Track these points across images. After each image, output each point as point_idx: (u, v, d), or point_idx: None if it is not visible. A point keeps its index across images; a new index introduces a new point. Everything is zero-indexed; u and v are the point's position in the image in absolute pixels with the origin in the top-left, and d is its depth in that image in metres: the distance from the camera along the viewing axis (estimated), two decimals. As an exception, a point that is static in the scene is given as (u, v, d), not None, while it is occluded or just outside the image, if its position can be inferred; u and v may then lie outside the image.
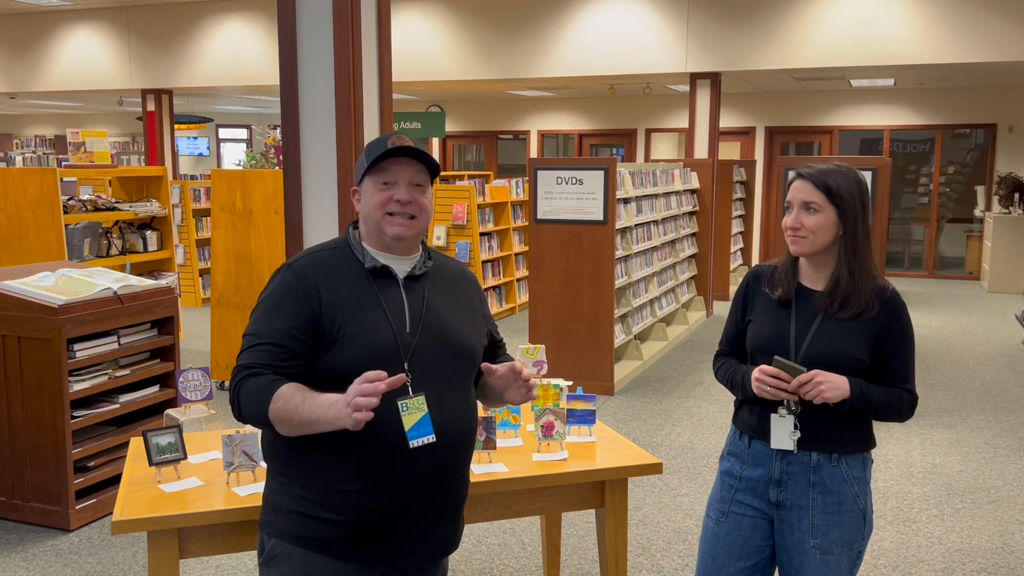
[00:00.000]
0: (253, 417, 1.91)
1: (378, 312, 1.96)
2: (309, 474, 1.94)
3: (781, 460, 2.28)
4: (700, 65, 9.90)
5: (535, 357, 3.35)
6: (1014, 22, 8.69)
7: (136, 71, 12.37)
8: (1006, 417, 6.20)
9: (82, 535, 4.10)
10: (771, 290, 2.33)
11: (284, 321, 1.93)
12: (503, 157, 16.59)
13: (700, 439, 5.64)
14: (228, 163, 20.50)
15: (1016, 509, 4.57)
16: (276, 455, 2.01)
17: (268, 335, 1.93)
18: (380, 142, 2.02)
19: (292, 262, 2.02)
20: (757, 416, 2.31)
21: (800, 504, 2.27)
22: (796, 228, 2.23)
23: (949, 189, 14.02)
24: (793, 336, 2.27)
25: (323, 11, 3.59)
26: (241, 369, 1.94)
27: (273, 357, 1.92)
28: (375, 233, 2.02)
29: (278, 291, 1.98)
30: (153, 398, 4.53)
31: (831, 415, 2.23)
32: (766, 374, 2.21)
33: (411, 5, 10.89)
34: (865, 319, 2.24)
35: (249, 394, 1.90)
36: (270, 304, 1.98)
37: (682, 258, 9.02)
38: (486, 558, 3.93)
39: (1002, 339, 8.88)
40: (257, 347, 1.94)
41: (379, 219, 2.00)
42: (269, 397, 1.87)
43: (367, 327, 1.93)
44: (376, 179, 2.01)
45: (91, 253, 6.58)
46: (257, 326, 1.97)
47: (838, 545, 2.26)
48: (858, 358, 2.22)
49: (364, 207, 2.04)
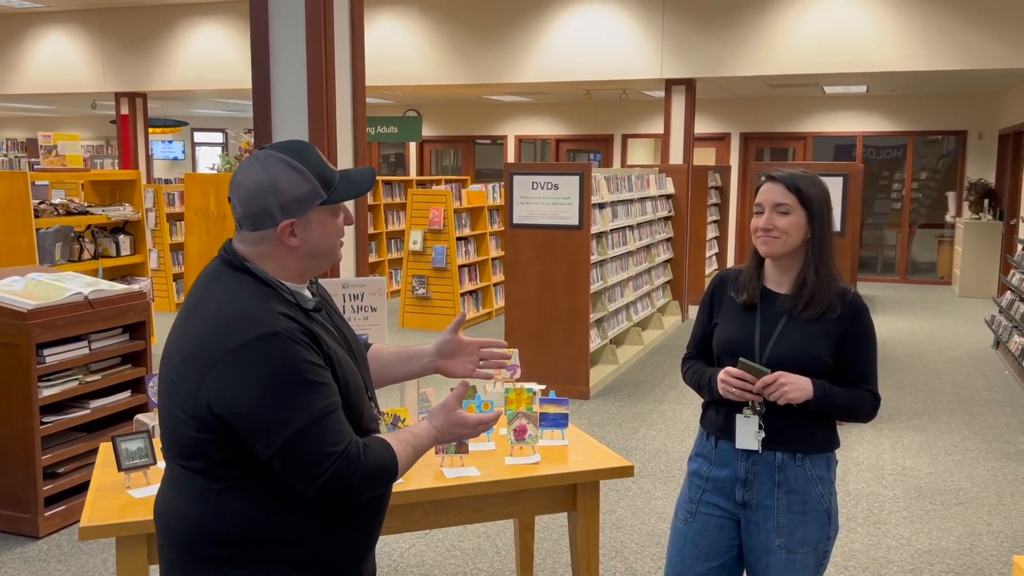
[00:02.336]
0: (380, 490, 1.72)
1: (340, 348, 1.77)
2: (272, 565, 1.69)
3: (747, 460, 2.31)
4: (675, 71, 9.97)
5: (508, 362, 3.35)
6: (984, 31, 8.82)
7: (109, 74, 12.27)
8: (975, 420, 6.28)
9: (51, 542, 4.06)
10: (736, 294, 2.37)
11: (329, 381, 1.66)
12: (480, 162, 16.60)
13: (674, 442, 5.67)
14: (203, 167, 20.36)
15: (984, 511, 4.63)
16: (256, 547, 1.69)
17: (335, 403, 1.65)
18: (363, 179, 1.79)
19: (274, 331, 1.61)
20: (723, 417, 2.35)
21: (766, 504, 2.30)
22: (768, 229, 2.26)
23: (921, 195, 14.19)
24: (758, 338, 2.30)
25: (296, 15, 3.58)
26: (354, 449, 1.64)
27: (347, 419, 1.69)
28: (316, 266, 1.77)
29: (298, 359, 1.62)
30: (124, 403, 4.49)
31: (795, 416, 2.26)
32: (731, 376, 2.25)
33: (388, 9, 10.88)
34: (828, 320, 2.27)
35: (380, 468, 1.68)
36: (307, 376, 1.62)
37: (657, 263, 9.07)
38: (460, 563, 3.93)
39: (972, 343, 9.00)
40: (340, 420, 1.64)
41: (336, 249, 1.79)
42: (395, 464, 1.71)
43: (347, 366, 1.75)
44: (332, 209, 1.74)
45: (63, 258, 6.51)
46: (322, 403, 1.62)
47: (803, 544, 2.29)
48: (822, 359, 2.26)
49: (320, 240, 1.73)
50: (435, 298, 9.54)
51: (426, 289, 9.53)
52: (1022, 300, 7.76)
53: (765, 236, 2.27)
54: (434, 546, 4.09)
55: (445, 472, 2.75)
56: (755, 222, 2.30)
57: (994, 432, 6.00)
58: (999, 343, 8.37)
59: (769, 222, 2.26)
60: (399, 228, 12.26)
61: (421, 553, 4.02)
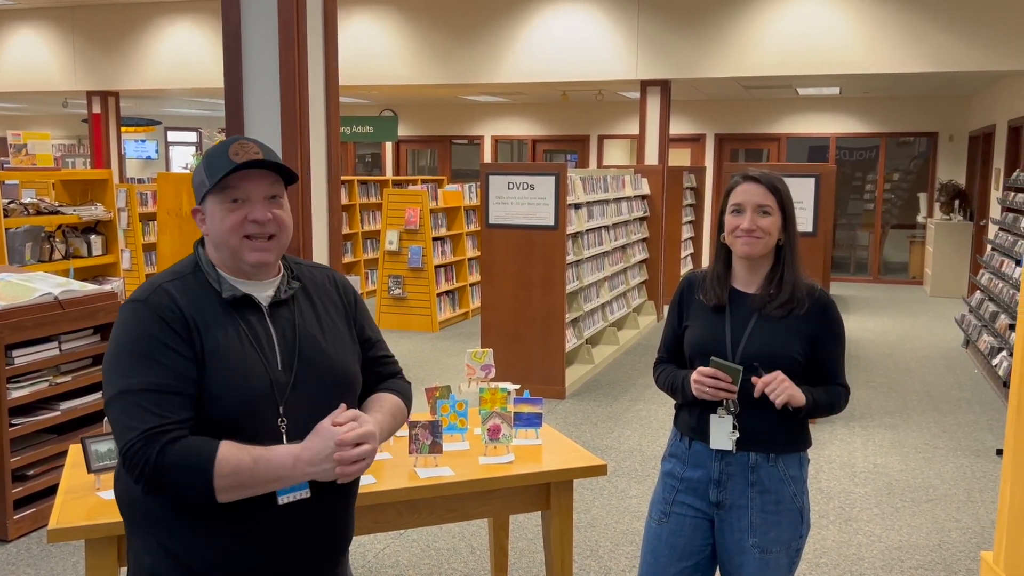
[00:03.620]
0: (185, 488, 1.58)
1: (245, 348, 1.69)
2: (180, 534, 1.68)
3: (720, 460, 2.32)
4: (650, 72, 10.02)
5: (483, 361, 3.36)
6: (954, 34, 8.94)
7: (81, 72, 12.13)
8: (945, 418, 6.37)
9: (20, 545, 4.01)
10: (704, 296, 2.38)
11: (170, 363, 1.61)
12: (457, 162, 16.59)
13: (649, 442, 5.70)
14: (177, 166, 20.18)
15: (953, 507, 4.70)
16: (141, 516, 1.72)
17: (161, 385, 1.60)
18: (221, 154, 1.70)
19: (144, 296, 1.67)
20: (696, 417, 2.35)
21: (739, 504, 2.31)
22: (752, 230, 2.26)
23: (893, 196, 14.35)
24: (729, 338, 2.31)
25: (268, 14, 3.57)
26: (151, 437, 1.56)
27: (174, 408, 1.60)
28: (230, 259, 1.74)
29: (146, 331, 1.63)
30: (95, 405, 4.44)
31: (769, 416, 2.27)
32: (704, 375, 2.25)
33: (363, 8, 10.84)
34: (796, 317, 2.29)
35: (177, 466, 1.56)
36: (143, 348, 1.62)
37: (633, 263, 9.11)
38: (434, 563, 3.93)
39: (943, 342, 9.11)
40: (155, 404, 1.58)
41: (236, 245, 1.71)
42: (210, 467, 1.56)
43: (236, 367, 1.66)
44: (223, 197, 1.71)
45: (33, 258, 6.43)
46: (141, 378, 1.60)
47: (776, 544, 2.30)
48: (793, 357, 2.28)
49: (214, 231, 1.73)
50: (411, 298, 9.52)
51: (402, 289, 9.51)
52: (991, 300, 7.87)
53: (748, 237, 2.27)
54: (408, 546, 4.09)
55: (419, 472, 2.75)
56: (733, 222, 2.29)
57: (963, 430, 6.08)
58: (969, 342, 8.49)
59: (753, 223, 2.26)
60: (375, 228, 12.22)
61: (396, 554, 4.01)
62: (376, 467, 2.77)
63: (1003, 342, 7.02)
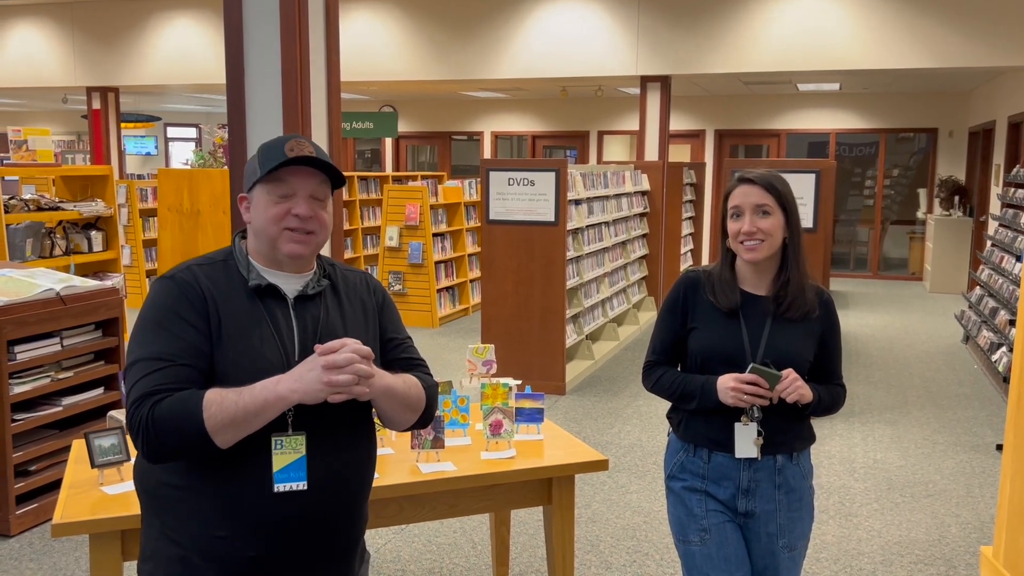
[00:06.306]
0: (181, 439, 1.63)
1: (263, 334, 1.75)
2: (179, 517, 1.74)
3: (748, 469, 2.26)
4: (650, 68, 10.01)
5: (484, 357, 3.37)
6: (954, 30, 8.94)
7: (81, 68, 12.12)
8: (944, 414, 6.38)
9: (23, 540, 4.02)
10: (715, 298, 2.28)
11: (183, 335, 1.69)
12: (457, 158, 16.58)
13: (649, 437, 5.71)
14: (176, 162, 20.17)
15: (952, 502, 4.71)
16: (152, 491, 1.79)
17: (170, 354, 1.67)
18: (277, 148, 1.78)
19: (172, 273, 1.78)
20: (717, 428, 2.25)
21: (767, 509, 2.29)
22: (752, 232, 2.19)
23: (893, 192, 14.36)
24: (747, 343, 2.25)
25: (270, 9, 3.57)
26: (145, 398, 1.64)
27: (179, 378, 1.66)
28: (267, 248, 1.80)
29: (166, 304, 1.72)
30: (97, 400, 4.45)
31: (787, 416, 2.25)
32: (743, 382, 2.16)
33: (363, 4, 10.83)
34: (810, 320, 2.28)
35: (168, 417, 1.62)
36: (160, 319, 1.71)
37: (633, 259, 9.11)
38: (436, 558, 3.94)
39: (942, 338, 9.12)
40: (159, 371, 1.66)
41: (275, 234, 1.78)
42: (199, 409, 1.62)
43: (248, 350, 1.72)
44: (271, 189, 1.78)
45: (34, 254, 6.43)
46: (152, 347, 1.68)
47: (801, 539, 2.34)
48: (807, 359, 2.28)
49: (256, 219, 1.81)
50: (411, 294, 9.53)
51: (402, 285, 9.52)
52: (991, 296, 7.88)
53: (750, 241, 2.20)
54: (410, 541, 4.10)
55: (420, 467, 2.76)
56: (734, 226, 2.22)
57: (963, 425, 6.09)
58: (968, 338, 8.50)
59: (752, 224, 2.19)
60: (375, 224, 12.22)
61: (397, 548, 4.02)
62: (378, 462, 2.78)
63: (1003, 338, 7.04)
